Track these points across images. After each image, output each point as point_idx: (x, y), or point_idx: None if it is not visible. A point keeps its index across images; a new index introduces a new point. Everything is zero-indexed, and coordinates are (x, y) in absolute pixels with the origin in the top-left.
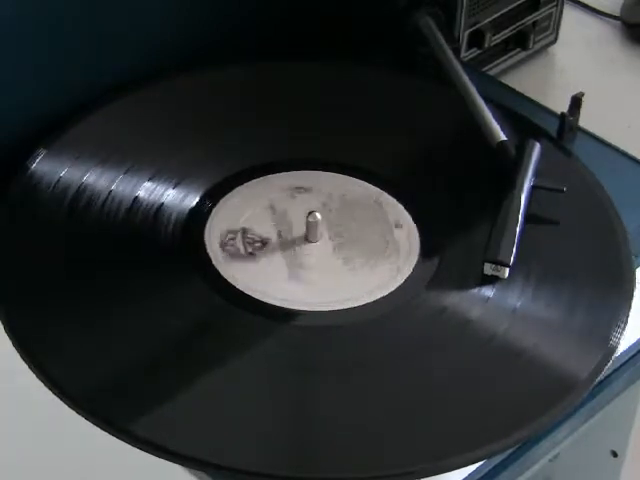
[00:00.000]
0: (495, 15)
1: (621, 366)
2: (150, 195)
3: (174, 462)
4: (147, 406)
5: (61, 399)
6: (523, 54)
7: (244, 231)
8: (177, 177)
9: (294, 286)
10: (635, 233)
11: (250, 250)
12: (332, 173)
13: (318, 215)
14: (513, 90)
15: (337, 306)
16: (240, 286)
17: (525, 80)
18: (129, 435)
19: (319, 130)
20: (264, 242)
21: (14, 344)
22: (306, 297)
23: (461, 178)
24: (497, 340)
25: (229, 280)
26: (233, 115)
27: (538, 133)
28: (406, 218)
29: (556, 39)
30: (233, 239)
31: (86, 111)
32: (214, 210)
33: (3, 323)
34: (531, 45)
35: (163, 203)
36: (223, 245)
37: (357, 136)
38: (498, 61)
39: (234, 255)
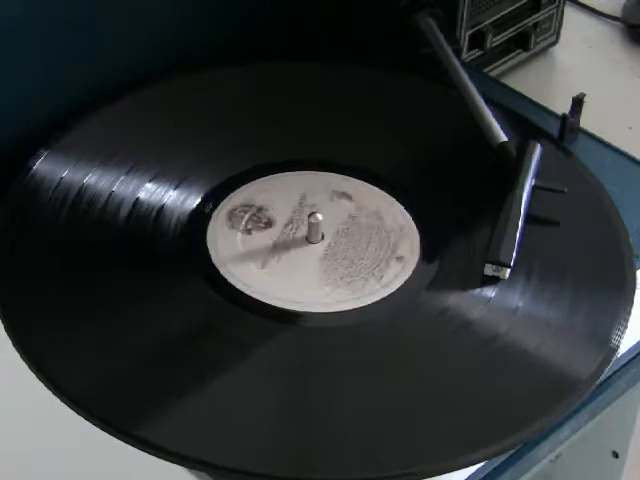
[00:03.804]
0: (496, 16)
1: (622, 367)
2: (151, 196)
3: (174, 463)
4: (147, 407)
5: (61, 400)
6: (524, 55)
7: (258, 209)
8: (178, 178)
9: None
10: (636, 234)
11: (250, 227)
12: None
13: (319, 216)
14: (514, 91)
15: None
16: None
17: (526, 81)
18: (129, 436)
19: (319, 130)
20: (269, 224)
21: (14, 344)
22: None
23: (462, 179)
24: (498, 341)
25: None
26: (233, 115)
27: (539, 134)
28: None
29: (557, 40)
30: (244, 213)
31: (87, 112)
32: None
33: (3, 323)
34: (532, 46)
35: (164, 204)
36: (230, 215)
37: (357, 136)
38: (499, 62)
39: (233, 227)
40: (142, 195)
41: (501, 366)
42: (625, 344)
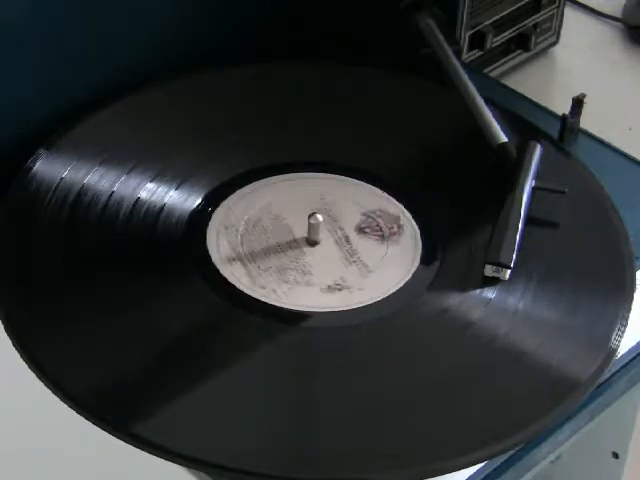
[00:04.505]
0: (496, 17)
1: (622, 368)
2: (152, 196)
3: (174, 462)
4: (147, 406)
5: (61, 400)
6: (524, 56)
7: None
8: (179, 178)
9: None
10: (636, 235)
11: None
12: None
13: (319, 217)
14: (514, 92)
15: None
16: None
17: (526, 82)
18: (129, 435)
19: (319, 131)
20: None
21: (14, 344)
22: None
23: (462, 179)
24: (498, 342)
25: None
26: (233, 116)
27: (539, 135)
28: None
29: (557, 41)
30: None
31: (87, 112)
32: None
33: (3, 323)
34: (532, 47)
35: (165, 204)
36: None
37: (358, 137)
38: (499, 63)
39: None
40: (143, 195)
41: (501, 367)
42: (625, 345)
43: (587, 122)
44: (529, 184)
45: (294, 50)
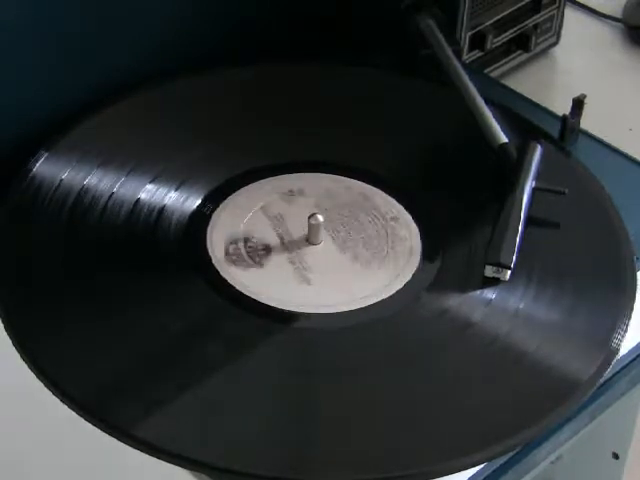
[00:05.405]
0: (497, 17)
1: (623, 368)
2: (152, 197)
3: (174, 463)
4: (147, 408)
5: (61, 400)
6: (525, 56)
7: (246, 240)
8: (179, 179)
9: (295, 288)
10: (636, 235)
11: (256, 259)
12: (332, 175)
13: (320, 217)
14: (514, 92)
15: (339, 308)
16: (241, 288)
17: (527, 82)
18: (129, 436)
19: (319, 131)
20: (267, 249)
21: (14, 344)
22: (307, 299)
23: (462, 180)
24: (499, 342)
25: (230, 282)
26: (233, 116)
27: (539, 135)
28: (407, 220)
29: (557, 41)
30: (237, 249)
31: (87, 113)
32: (216, 212)
33: (3, 323)
34: (533, 47)
35: (165, 205)
36: (228, 254)
37: (358, 138)
38: (500, 63)
39: (238, 263)
40: (143, 196)
41: (501, 367)
42: (625, 346)
43: (587, 122)
44: (529, 185)
45: (294, 50)
